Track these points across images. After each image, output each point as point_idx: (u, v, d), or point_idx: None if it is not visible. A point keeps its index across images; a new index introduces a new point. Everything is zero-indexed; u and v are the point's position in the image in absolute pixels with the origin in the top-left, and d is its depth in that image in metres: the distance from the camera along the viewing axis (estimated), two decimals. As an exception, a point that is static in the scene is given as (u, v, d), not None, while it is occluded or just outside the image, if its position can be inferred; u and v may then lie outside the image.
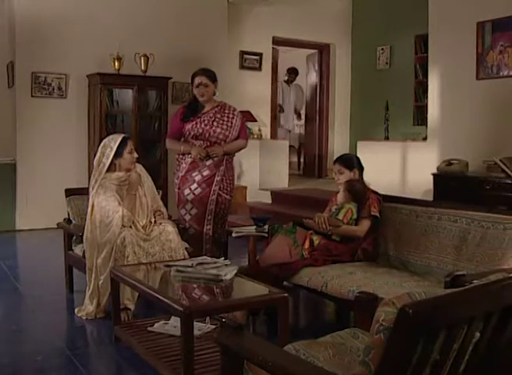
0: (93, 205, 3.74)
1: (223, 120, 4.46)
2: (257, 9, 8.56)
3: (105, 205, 3.69)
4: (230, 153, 4.54)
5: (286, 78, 10.26)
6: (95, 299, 3.67)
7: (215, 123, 4.44)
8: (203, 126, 4.42)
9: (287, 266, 3.47)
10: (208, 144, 4.43)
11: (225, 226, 4.60)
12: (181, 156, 4.53)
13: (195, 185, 4.45)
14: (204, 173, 4.44)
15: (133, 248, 3.57)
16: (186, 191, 4.46)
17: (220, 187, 4.48)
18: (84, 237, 3.76)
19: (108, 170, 3.80)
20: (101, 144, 3.87)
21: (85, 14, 7.05)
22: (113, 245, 3.58)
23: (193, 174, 4.45)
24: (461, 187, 5.76)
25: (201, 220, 4.46)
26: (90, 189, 3.82)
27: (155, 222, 3.89)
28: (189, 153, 4.43)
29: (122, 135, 3.91)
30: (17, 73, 6.86)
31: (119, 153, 3.80)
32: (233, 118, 4.51)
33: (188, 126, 4.43)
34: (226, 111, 4.52)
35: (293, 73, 10.22)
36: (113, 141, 3.81)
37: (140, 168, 3.99)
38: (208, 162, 4.44)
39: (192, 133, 4.43)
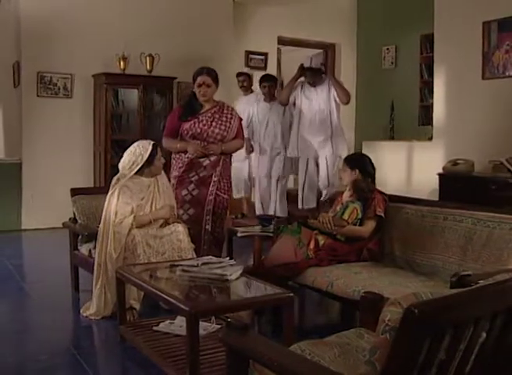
0: (108, 206, 3.74)
1: (222, 120, 4.42)
2: (263, 9, 8.55)
3: (118, 209, 3.68)
4: (227, 153, 4.50)
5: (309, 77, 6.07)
6: (103, 296, 3.66)
7: (213, 124, 4.40)
8: (201, 125, 4.38)
9: (292, 266, 3.47)
10: (206, 144, 4.38)
11: (224, 225, 4.58)
12: (177, 156, 4.47)
13: (192, 186, 4.41)
14: (201, 174, 4.41)
15: (143, 248, 3.58)
16: (184, 192, 4.41)
17: (217, 187, 4.44)
18: (99, 233, 3.73)
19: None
20: (130, 150, 3.82)
21: (91, 14, 7.07)
22: (123, 245, 3.59)
23: (190, 175, 4.41)
24: (467, 187, 5.75)
25: (199, 220, 4.41)
26: (110, 188, 3.81)
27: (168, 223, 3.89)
28: (185, 152, 4.39)
29: (152, 142, 3.86)
30: (23, 73, 6.89)
31: (149, 161, 3.80)
32: (232, 118, 4.48)
33: (186, 125, 4.38)
34: (225, 111, 4.48)
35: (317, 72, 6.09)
36: (144, 149, 3.79)
37: (164, 179, 3.98)
38: (204, 163, 4.40)
39: (190, 133, 4.38)
